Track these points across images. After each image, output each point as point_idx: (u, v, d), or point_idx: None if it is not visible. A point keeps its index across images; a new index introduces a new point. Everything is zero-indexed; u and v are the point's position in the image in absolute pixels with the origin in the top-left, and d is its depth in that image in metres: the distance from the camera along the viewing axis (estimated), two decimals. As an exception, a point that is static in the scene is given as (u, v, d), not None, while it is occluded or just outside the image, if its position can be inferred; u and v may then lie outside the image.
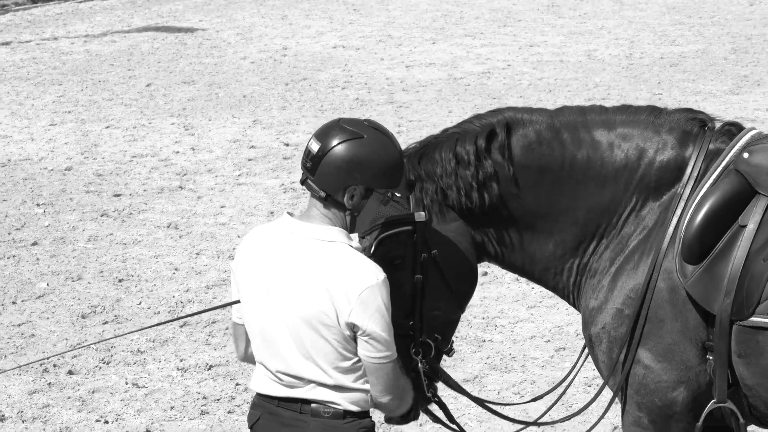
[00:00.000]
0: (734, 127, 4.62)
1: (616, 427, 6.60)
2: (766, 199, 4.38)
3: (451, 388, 4.73)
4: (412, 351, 4.44)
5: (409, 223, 4.41)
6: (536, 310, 8.31)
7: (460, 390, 4.78)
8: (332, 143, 4.09)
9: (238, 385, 7.28)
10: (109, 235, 9.82)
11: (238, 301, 4.32)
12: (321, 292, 4.05)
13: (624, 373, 4.50)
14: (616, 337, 4.50)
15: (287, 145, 12.27)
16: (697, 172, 4.49)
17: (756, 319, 4.32)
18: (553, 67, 15.74)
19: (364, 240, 4.38)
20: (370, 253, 4.32)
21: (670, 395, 4.47)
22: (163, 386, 7.30)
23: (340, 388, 4.14)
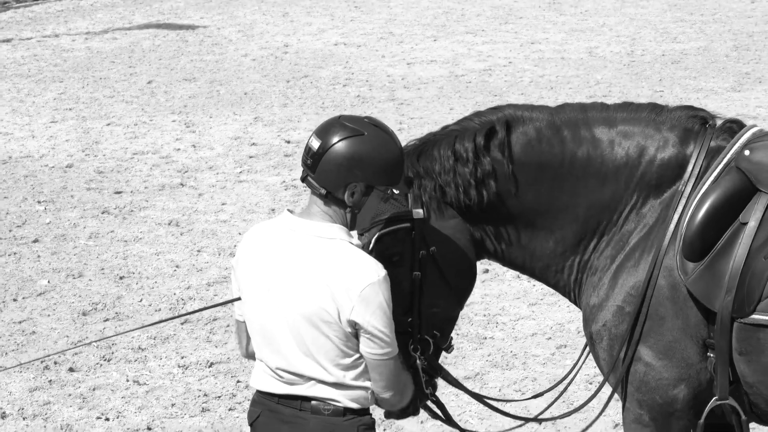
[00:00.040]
0: (735, 125, 4.61)
1: (617, 425, 6.60)
2: (767, 196, 4.37)
3: (451, 385, 4.74)
4: (411, 348, 4.44)
5: (408, 220, 4.40)
6: (537, 308, 8.31)
7: (460, 386, 4.78)
8: (333, 140, 4.08)
9: (239, 382, 7.28)
10: (110, 232, 9.82)
11: (239, 299, 4.32)
12: (322, 290, 4.04)
13: (624, 371, 4.50)
14: (617, 334, 4.50)
15: (288, 143, 12.26)
16: (698, 170, 4.48)
17: (757, 317, 4.31)
18: (555, 65, 15.73)
19: (363, 237, 4.37)
20: (369, 250, 4.32)
21: (670, 393, 4.46)
22: (164, 383, 7.30)
23: (340, 385, 4.14)
